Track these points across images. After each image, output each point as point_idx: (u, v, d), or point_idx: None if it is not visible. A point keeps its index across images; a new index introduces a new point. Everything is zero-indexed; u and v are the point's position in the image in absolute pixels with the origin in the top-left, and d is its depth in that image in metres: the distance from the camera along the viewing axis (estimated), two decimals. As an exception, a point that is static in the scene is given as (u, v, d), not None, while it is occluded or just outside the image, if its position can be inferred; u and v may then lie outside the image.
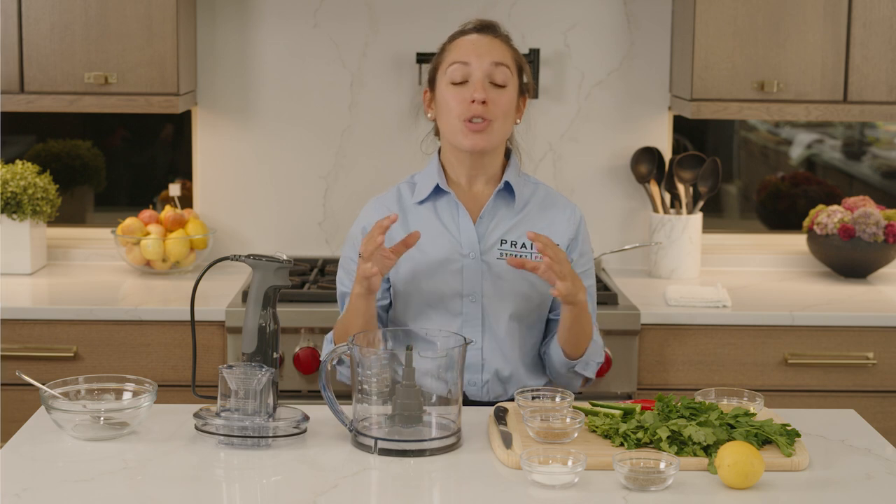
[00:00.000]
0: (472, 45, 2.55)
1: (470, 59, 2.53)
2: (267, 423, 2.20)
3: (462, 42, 2.57)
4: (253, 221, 3.90)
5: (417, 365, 2.18)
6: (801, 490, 2.02)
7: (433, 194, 2.59)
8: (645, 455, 2.04)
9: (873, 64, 3.55)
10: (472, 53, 2.53)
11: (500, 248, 2.55)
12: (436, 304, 2.54)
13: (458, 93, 2.53)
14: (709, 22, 3.55)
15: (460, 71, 2.53)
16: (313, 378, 3.31)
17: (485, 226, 2.57)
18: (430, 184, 2.59)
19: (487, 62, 2.52)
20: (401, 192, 2.63)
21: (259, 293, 2.28)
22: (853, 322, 3.39)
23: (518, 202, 2.59)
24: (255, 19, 3.82)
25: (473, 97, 2.50)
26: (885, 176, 4.38)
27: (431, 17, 3.82)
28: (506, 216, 2.59)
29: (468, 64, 2.53)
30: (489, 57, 2.53)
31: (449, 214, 2.58)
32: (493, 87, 2.53)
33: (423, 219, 2.58)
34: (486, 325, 2.55)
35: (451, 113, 2.53)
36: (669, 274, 3.78)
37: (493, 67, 2.53)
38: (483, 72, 2.52)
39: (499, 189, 2.58)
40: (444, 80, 2.55)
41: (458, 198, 2.59)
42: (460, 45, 2.56)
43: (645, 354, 3.38)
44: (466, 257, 2.54)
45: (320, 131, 3.87)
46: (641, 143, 3.89)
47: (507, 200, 2.60)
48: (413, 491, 2.05)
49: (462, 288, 2.54)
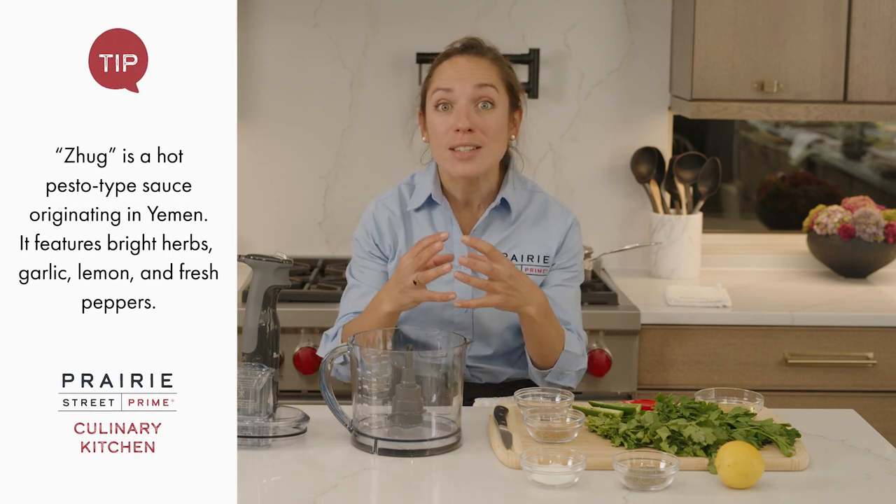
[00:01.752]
0: (454, 70, 2.51)
1: (452, 84, 2.50)
2: (267, 423, 2.20)
3: (446, 66, 2.54)
4: (253, 221, 3.90)
5: (417, 365, 2.18)
6: (801, 490, 2.02)
7: (428, 204, 2.59)
8: (645, 455, 2.04)
9: (873, 64, 3.55)
10: (454, 78, 2.50)
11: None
12: (427, 312, 2.54)
13: (444, 120, 2.50)
14: (709, 22, 3.55)
15: (444, 97, 2.50)
16: (313, 378, 3.31)
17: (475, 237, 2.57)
18: (425, 192, 2.58)
19: (470, 86, 2.49)
20: (402, 194, 2.63)
21: (259, 293, 2.28)
22: (853, 322, 3.39)
23: (513, 215, 2.59)
24: (255, 19, 3.82)
25: (458, 126, 2.47)
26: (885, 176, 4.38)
27: (431, 17, 3.82)
28: (499, 228, 2.58)
29: (451, 90, 2.50)
30: (472, 80, 2.49)
31: (443, 225, 2.58)
32: (480, 110, 2.50)
33: (419, 226, 2.59)
34: (477, 332, 2.56)
35: (439, 140, 2.51)
36: (669, 274, 3.78)
37: (478, 90, 2.49)
38: (467, 97, 2.49)
39: (495, 206, 2.57)
40: (431, 105, 2.53)
41: (453, 210, 2.58)
42: (444, 70, 2.53)
43: (645, 354, 3.38)
44: (457, 268, 2.54)
45: (320, 131, 3.87)
46: (641, 143, 3.89)
47: (501, 213, 2.59)
48: (413, 491, 2.05)
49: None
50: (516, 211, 2.59)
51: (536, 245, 2.58)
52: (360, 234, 2.62)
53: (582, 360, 2.55)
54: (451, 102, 2.50)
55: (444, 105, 2.50)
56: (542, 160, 3.88)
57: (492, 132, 2.50)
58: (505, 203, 2.58)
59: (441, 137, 2.50)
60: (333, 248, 3.90)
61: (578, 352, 2.54)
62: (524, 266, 2.55)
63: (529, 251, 2.58)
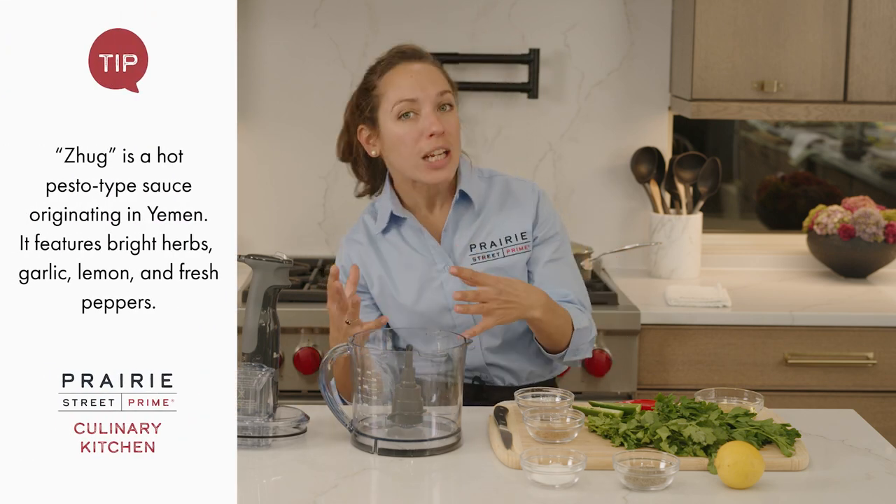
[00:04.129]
0: (412, 78, 2.49)
1: (416, 94, 2.48)
2: (267, 423, 2.20)
3: (399, 76, 2.51)
4: (253, 221, 3.90)
5: (417, 365, 2.18)
6: (801, 490, 2.02)
7: (393, 222, 2.58)
8: (645, 455, 2.04)
9: (873, 64, 3.55)
10: (416, 89, 2.48)
11: (471, 253, 2.55)
12: (427, 323, 2.54)
13: (410, 128, 2.48)
14: (709, 22, 3.55)
15: (407, 107, 2.48)
16: (313, 378, 3.31)
17: (450, 238, 2.56)
18: (386, 212, 2.57)
19: (434, 93, 2.48)
20: (366, 224, 2.62)
21: (259, 293, 2.28)
22: (853, 322, 3.39)
23: (476, 205, 2.58)
24: (255, 19, 3.82)
25: (432, 130, 2.46)
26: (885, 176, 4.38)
27: (431, 17, 3.82)
28: (468, 221, 2.58)
29: (415, 100, 2.48)
30: (434, 88, 2.49)
31: (415, 238, 2.57)
32: (441, 113, 2.49)
33: (392, 247, 2.58)
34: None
35: (405, 150, 2.49)
36: (669, 274, 3.78)
37: (440, 96, 2.49)
38: (431, 103, 2.48)
39: (456, 200, 2.57)
40: (390, 117, 2.49)
41: (420, 220, 2.58)
42: (399, 81, 2.50)
43: (645, 354, 3.38)
44: (442, 272, 2.54)
45: (320, 131, 3.87)
46: (641, 143, 3.89)
47: (466, 205, 2.58)
48: (413, 491, 2.05)
49: (447, 302, 2.54)
50: (479, 200, 2.58)
51: (511, 225, 2.57)
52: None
53: (591, 329, 2.56)
54: (415, 111, 2.48)
55: (406, 114, 2.48)
56: (542, 160, 3.88)
57: (454, 133, 2.51)
58: (464, 195, 2.58)
59: (412, 145, 2.48)
60: (333, 248, 3.90)
61: (586, 323, 2.55)
62: (505, 248, 2.55)
63: (506, 233, 2.57)
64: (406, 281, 2.55)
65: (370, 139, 2.55)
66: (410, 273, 2.55)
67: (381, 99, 2.51)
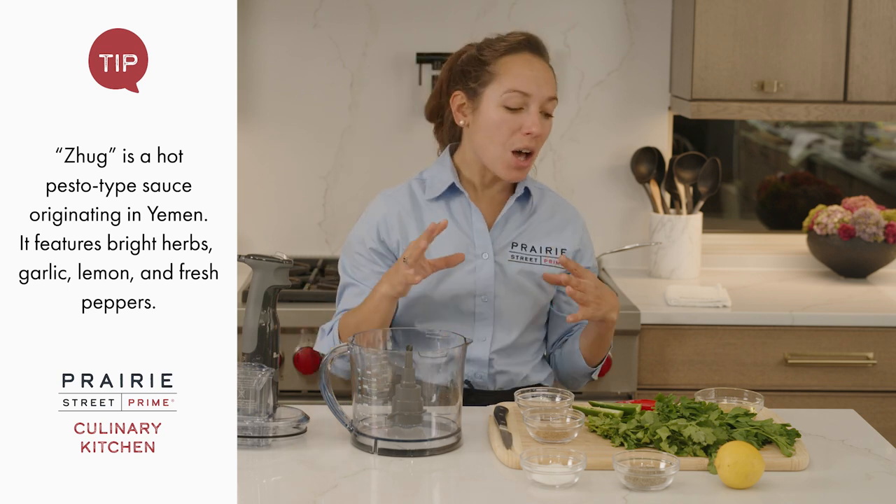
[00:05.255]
0: (532, 74, 2.47)
1: (531, 90, 2.46)
2: (267, 423, 2.20)
3: (520, 65, 2.48)
4: (253, 221, 3.90)
5: (417, 365, 2.18)
6: (801, 490, 2.02)
7: (447, 193, 2.57)
8: (645, 455, 2.04)
9: (873, 64, 3.55)
10: (532, 84, 2.46)
11: (512, 250, 2.55)
12: (448, 303, 2.53)
13: (511, 119, 2.46)
14: (709, 22, 3.55)
15: (518, 100, 2.46)
16: (313, 378, 3.31)
17: (499, 229, 2.56)
18: (443, 182, 2.56)
19: (546, 96, 2.47)
20: (412, 189, 2.59)
21: (259, 293, 2.28)
22: (853, 322, 3.39)
23: (531, 207, 2.60)
24: (255, 19, 3.82)
25: (531, 130, 2.45)
26: (885, 176, 4.38)
27: (431, 17, 3.82)
28: (517, 220, 2.58)
29: (528, 95, 2.46)
30: (548, 91, 2.48)
31: (462, 215, 2.56)
32: (543, 116, 2.49)
33: (437, 217, 2.55)
34: (498, 324, 2.55)
35: (498, 137, 2.47)
36: (669, 274, 3.78)
37: (548, 102, 2.48)
38: (539, 105, 2.46)
39: (518, 196, 2.57)
40: (496, 100, 2.47)
41: (472, 199, 2.58)
42: (519, 70, 2.47)
43: (645, 354, 3.38)
44: (479, 258, 2.53)
45: (320, 131, 3.87)
46: (641, 143, 3.89)
47: (521, 205, 2.59)
48: (413, 491, 2.05)
49: (475, 288, 2.53)
50: (534, 203, 2.60)
51: (555, 238, 2.59)
52: (362, 230, 2.57)
53: None
54: (523, 105, 2.47)
55: (514, 105, 2.46)
56: (542, 160, 3.88)
57: (544, 140, 2.52)
58: (527, 193, 2.58)
59: (507, 136, 2.47)
60: (333, 248, 3.90)
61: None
62: (543, 257, 2.56)
63: (547, 244, 2.58)
64: (438, 254, 2.50)
65: (462, 108, 2.53)
66: (446, 249, 2.51)
67: (495, 77, 2.48)
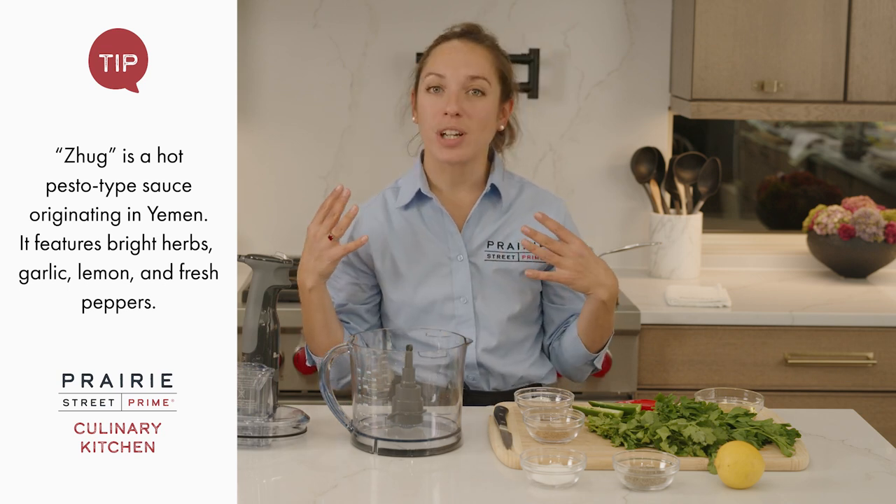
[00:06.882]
0: (449, 56, 2.53)
1: (445, 71, 2.51)
2: (267, 423, 2.20)
3: (442, 50, 2.56)
4: (253, 221, 3.90)
5: (417, 365, 2.18)
6: (801, 490, 2.02)
7: (416, 200, 2.58)
8: (645, 455, 2.04)
9: (873, 64, 3.55)
10: (448, 65, 2.51)
11: (487, 249, 2.55)
12: (429, 308, 2.54)
13: (433, 102, 2.52)
14: (709, 22, 3.55)
15: (436, 81, 2.52)
16: (313, 378, 3.31)
17: (471, 229, 2.56)
18: (412, 189, 2.58)
19: (463, 76, 2.50)
20: (386, 199, 2.62)
21: (259, 293, 2.28)
22: (853, 322, 3.39)
23: (504, 203, 2.59)
24: (255, 19, 3.82)
25: (446, 110, 2.49)
26: (885, 176, 4.38)
27: (431, 17, 3.82)
28: (492, 218, 2.58)
29: (443, 76, 2.51)
30: (465, 70, 2.51)
31: (434, 220, 2.57)
32: (470, 96, 2.51)
33: (409, 224, 2.57)
34: (480, 324, 2.55)
35: (426, 121, 2.53)
36: (669, 274, 3.78)
37: (470, 81, 2.51)
38: (458, 84, 2.50)
39: (485, 193, 2.57)
40: (423, 86, 2.55)
41: (442, 203, 2.57)
42: (439, 54, 2.55)
43: (645, 354, 3.38)
44: (455, 260, 2.54)
45: (320, 131, 3.87)
46: (641, 143, 3.89)
47: (493, 202, 2.59)
48: (413, 491, 2.05)
49: (453, 291, 2.53)
50: (507, 199, 2.59)
51: None
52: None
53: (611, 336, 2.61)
54: (442, 87, 2.52)
55: (434, 88, 2.52)
56: (542, 160, 3.88)
57: (478, 119, 2.51)
58: (495, 190, 2.58)
59: (430, 119, 2.52)
60: (333, 248, 3.90)
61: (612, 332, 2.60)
62: (521, 253, 2.55)
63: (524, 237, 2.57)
64: (414, 261, 2.54)
65: (413, 105, 2.61)
66: (420, 254, 2.54)
67: (423, 68, 2.57)
